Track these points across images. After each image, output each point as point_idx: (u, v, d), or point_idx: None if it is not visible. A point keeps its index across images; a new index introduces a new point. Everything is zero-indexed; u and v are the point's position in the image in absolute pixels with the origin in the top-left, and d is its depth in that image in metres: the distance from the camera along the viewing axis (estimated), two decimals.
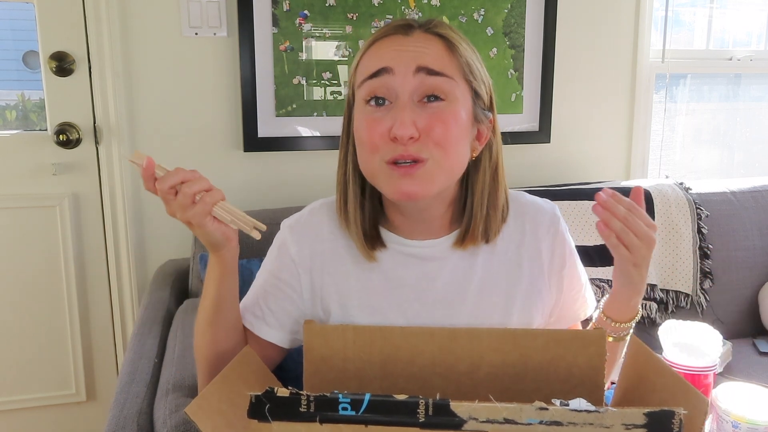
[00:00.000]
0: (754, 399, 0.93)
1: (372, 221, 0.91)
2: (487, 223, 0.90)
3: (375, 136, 0.82)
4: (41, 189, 1.71)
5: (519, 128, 1.96)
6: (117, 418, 1.07)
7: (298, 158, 1.82)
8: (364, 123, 0.84)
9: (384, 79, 0.82)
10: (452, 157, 0.83)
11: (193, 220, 0.77)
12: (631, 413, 0.57)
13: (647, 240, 0.81)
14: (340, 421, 0.61)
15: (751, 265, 1.79)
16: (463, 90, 0.85)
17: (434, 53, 0.83)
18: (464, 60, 0.85)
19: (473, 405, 0.57)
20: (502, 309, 0.91)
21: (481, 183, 0.89)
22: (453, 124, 0.82)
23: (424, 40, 0.84)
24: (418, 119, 0.81)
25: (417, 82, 0.81)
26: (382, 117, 0.82)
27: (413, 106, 0.82)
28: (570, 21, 1.97)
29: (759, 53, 2.29)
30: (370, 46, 0.86)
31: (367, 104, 0.84)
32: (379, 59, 0.83)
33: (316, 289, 0.93)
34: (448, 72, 0.83)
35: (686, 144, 2.36)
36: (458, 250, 0.91)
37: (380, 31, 0.87)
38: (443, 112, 0.82)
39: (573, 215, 1.70)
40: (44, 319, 1.77)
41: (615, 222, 0.80)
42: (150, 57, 1.69)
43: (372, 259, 0.90)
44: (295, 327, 0.94)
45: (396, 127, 0.80)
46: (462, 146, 0.85)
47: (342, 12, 1.76)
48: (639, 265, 0.83)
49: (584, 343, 0.77)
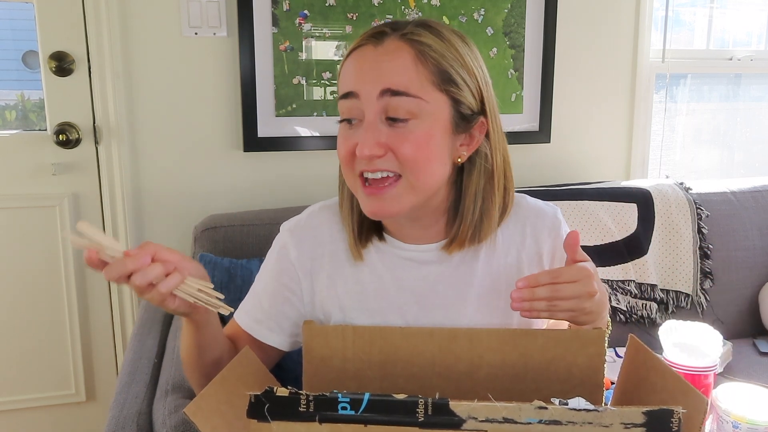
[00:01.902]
0: (754, 399, 0.94)
1: (372, 223, 0.91)
2: (477, 228, 0.88)
3: (346, 153, 0.83)
4: (41, 189, 1.71)
5: (519, 128, 1.96)
6: (117, 419, 1.07)
7: (298, 158, 1.82)
8: (339, 140, 0.86)
9: (352, 102, 0.82)
10: (423, 176, 0.82)
11: (151, 302, 0.73)
12: (630, 412, 0.57)
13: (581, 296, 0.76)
14: (339, 420, 0.60)
15: (751, 265, 1.79)
16: (435, 103, 0.81)
17: (399, 68, 0.80)
18: (436, 68, 0.81)
19: (472, 404, 0.57)
20: (502, 313, 0.91)
21: (474, 187, 0.87)
22: (422, 143, 0.80)
23: (394, 50, 0.81)
24: (383, 138, 0.80)
25: (382, 104, 0.80)
26: (352, 134, 0.83)
27: (379, 124, 0.81)
28: (570, 21, 1.97)
29: (759, 53, 2.29)
30: (347, 57, 0.86)
31: (342, 122, 0.85)
32: (348, 79, 0.83)
33: (316, 292, 0.92)
34: (413, 90, 0.80)
35: (686, 144, 2.36)
36: (458, 254, 0.91)
37: (357, 40, 0.86)
38: (412, 132, 0.80)
39: (573, 215, 1.70)
40: (44, 319, 1.77)
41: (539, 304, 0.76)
42: (150, 57, 1.69)
43: (359, 258, 0.91)
44: (296, 330, 0.94)
45: (359, 147, 0.80)
46: (435, 163, 0.82)
47: (342, 12, 1.76)
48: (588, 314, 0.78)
49: (584, 343, 0.77)
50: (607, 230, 1.71)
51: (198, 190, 1.77)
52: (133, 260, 0.69)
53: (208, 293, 0.74)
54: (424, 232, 0.90)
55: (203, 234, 1.54)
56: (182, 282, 0.72)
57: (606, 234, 1.70)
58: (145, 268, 0.69)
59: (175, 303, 0.74)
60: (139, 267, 0.69)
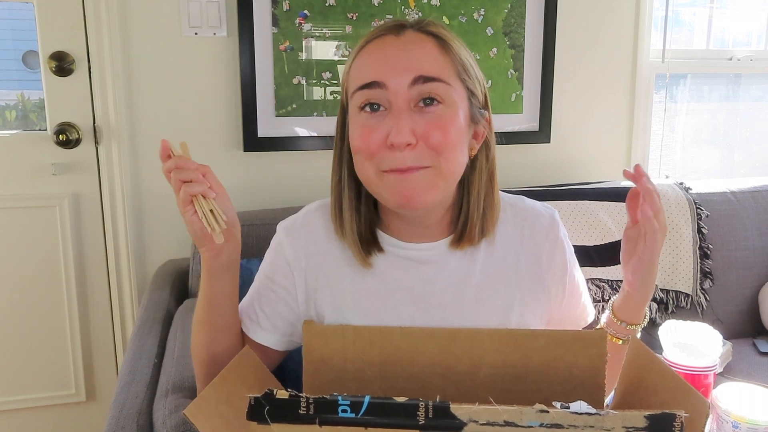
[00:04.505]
0: (754, 399, 0.93)
1: (369, 225, 0.90)
2: (483, 223, 0.89)
3: (371, 144, 0.81)
4: (41, 189, 1.71)
5: (519, 128, 1.96)
6: (117, 419, 1.07)
7: (297, 158, 1.82)
8: (359, 130, 0.82)
9: (375, 92, 0.81)
10: (451, 163, 0.82)
11: (178, 206, 0.79)
12: (632, 416, 0.57)
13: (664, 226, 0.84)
14: (339, 423, 0.60)
15: (751, 265, 1.79)
16: (459, 92, 0.83)
17: (428, 55, 0.81)
18: (458, 59, 0.83)
19: (473, 407, 0.57)
20: (499, 314, 0.90)
21: (478, 183, 0.88)
22: (451, 128, 0.81)
23: (417, 40, 0.82)
24: (415, 126, 0.79)
25: (414, 92, 0.80)
26: (377, 124, 0.81)
27: (409, 112, 0.80)
28: (570, 21, 1.97)
29: (759, 53, 2.29)
30: (362, 48, 0.84)
31: (362, 111, 0.82)
32: (371, 69, 0.81)
33: (310, 291, 0.92)
34: (444, 76, 0.81)
35: (686, 144, 2.36)
36: (456, 254, 0.90)
37: (372, 32, 0.85)
38: (441, 117, 0.80)
39: (573, 215, 1.70)
40: (44, 319, 1.77)
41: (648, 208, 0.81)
42: (150, 57, 1.69)
43: (368, 265, 0.89)
44: (289, 330, 0.94)
45: (393, 134, 0.78)
46: (460, 150, 0.83)
47: (342, 12, 1.76)
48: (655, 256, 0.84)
49: (585, 344, 0.77)
50: (607, 230, 1.71)
51: None
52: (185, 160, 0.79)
53: (216, 217, 0.79)
54: (426, 231, 0.90)
55: None
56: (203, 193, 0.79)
57: (606, 234, 1.70)
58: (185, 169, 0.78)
59: (190, 213, 0.79)
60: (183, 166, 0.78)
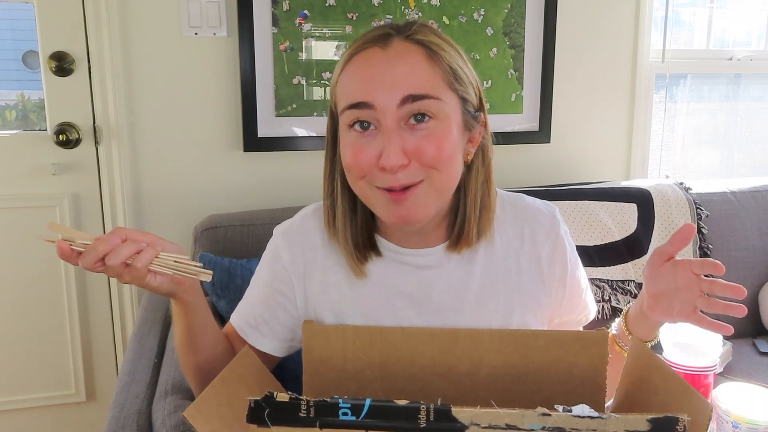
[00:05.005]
0: (754, 399, 0.93)
1: (365, 231, 0.89)
2: (480, 225, 0.88)
3: (362, 164, 0.79)
4: (41, 189, 1.71)
5: (519, 128, 1.96)
6: (116, 419, 1.07)
7: (297, 158, 1.82)
8: (350, 149, 0.80)
9: (363, 112, 0.78)
10: (446, 176, 0.80)
11: (133, 283, 0.73)
12: (634, 419, 0.56)
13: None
14: (340, 426, 0.60)
15: (751, 265, 1.79)
16: (451, 103, 0.80)
17: (416, 69, 0.78)
18: (447, 67, 0.80)
19: (475, 411, 0.57)
20: (500, 317, 0.90)
21: (474, 186, 0.87)
22: (445, 143, 0.78)
23: (404, 52, 0.78)
24: (406, 144, 0.77)
25: (403, 111, 0.77)
26: (368, 143, 0.78)
27: (399, 131, 0.77)
28: (570, 21, 1.97)
29: (759, 53, 2.29)
30: (347, 61, 0.81)
31: (351, 129, 0.80)
32: (358, 89, 0.78)
33: (308, 297, 0.91)
34: (433, 91, 0.78)
35: (686, 144, 2.36)
36: (454, 258, 0.89)
37: (357, 43, 0.81)
38: (433, 134, 0.78)
39: (573, 215, 1.70)
40: (44, 319, 1.77)
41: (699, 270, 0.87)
42: (150, 57, 1.69)
43: (362, 275, 0.88)
44: (289, 335, 0.93)
45: (384, 158, 0.76)
46: (455, 162, 0.81)
47: (342, 12, 1.76)
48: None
49: (585, 345, 0.77)
50: (607, 230, 1.71)
51: (198, 190, 1.77)
52: (103, 242, 0.69)
53: (185, 263, 0.74)
54: (424, 237, 0.89)
55: (203, 234, 1.54)
56: (156, 256, 0.72)
57: (606, 234, 1.70)
58: (117, 248, 0.69)
59: (156, 280, 0.74)
60: (111, 248, 0.69)
